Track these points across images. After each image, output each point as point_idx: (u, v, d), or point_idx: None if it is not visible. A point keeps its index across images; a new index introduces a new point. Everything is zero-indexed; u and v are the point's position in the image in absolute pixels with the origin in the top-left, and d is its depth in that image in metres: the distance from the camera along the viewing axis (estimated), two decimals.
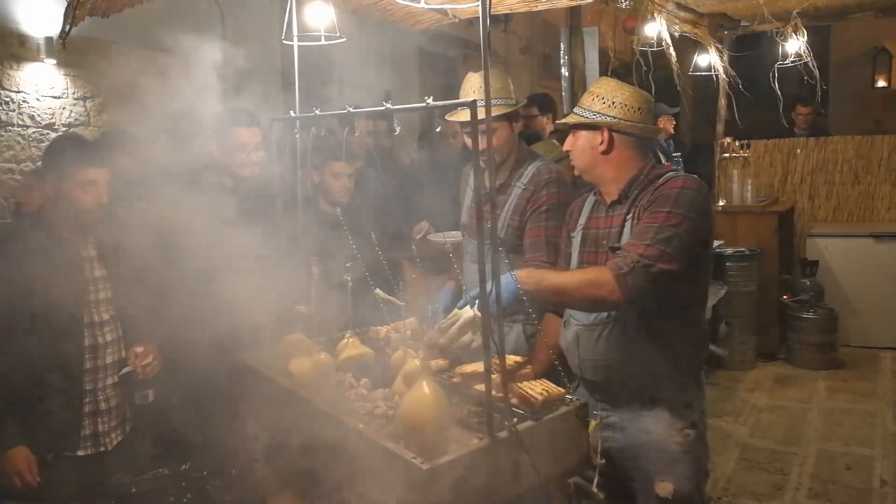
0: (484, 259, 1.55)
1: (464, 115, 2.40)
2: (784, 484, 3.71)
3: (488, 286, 1.51)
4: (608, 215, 2.09)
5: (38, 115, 4.05)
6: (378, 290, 1.95)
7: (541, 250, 2.40)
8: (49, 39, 3.86)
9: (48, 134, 4.03)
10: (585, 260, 2.12)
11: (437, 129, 1.62)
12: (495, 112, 2.30)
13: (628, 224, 2.01)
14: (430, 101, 1.56)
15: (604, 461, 1.70)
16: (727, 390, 5.13)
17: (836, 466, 3.87)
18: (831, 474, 3.79)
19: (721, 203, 6.14)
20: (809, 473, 3.82)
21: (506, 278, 1.93)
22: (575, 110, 2.11)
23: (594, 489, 1.71)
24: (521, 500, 1.57)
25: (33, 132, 4.02)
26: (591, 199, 2.20)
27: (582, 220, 2.19)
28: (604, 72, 5.19)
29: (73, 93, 4.21)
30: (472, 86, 2.38)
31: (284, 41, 2.10)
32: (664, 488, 2.00)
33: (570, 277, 1.94)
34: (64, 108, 4.17)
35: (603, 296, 1.85)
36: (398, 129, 1.64)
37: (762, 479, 3.77)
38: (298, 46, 2.12)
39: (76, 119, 4.24)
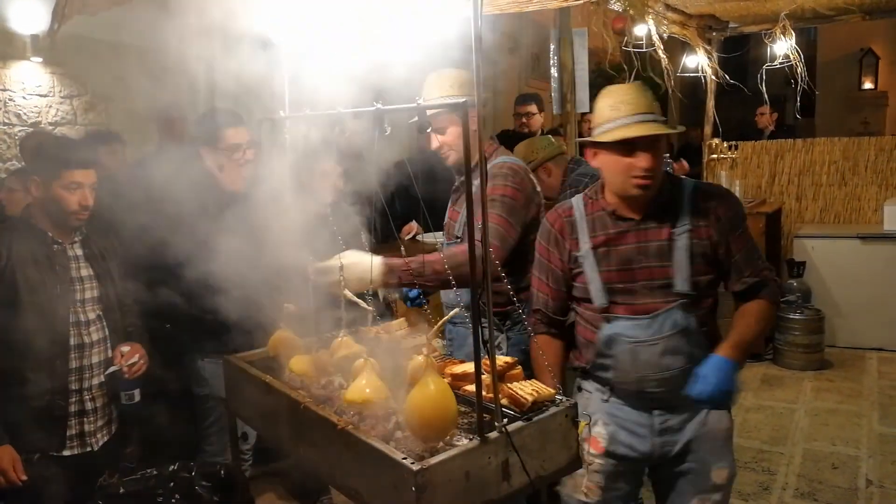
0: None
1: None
2: (771, 483, 3.74)
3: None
4: (641, 229, 2.04)
5: (25, 114, 4.02)
6: (346, 291, 1.94)
7: (493, 238, 2.27)
8: (35, 37, 3.83)
9: (29, 132, 4.00)
10: (617, 279, 2.05)
11: (428, 130, 1.61)
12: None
13: (683, 239, 2.00)
14: (420, 101, 1.56)
15: (595, 460, 1.70)
16: None
17: (822, 466, 3.90)
18: (817, 474, 3.82)
19: None
20: (796, 473, 3.84)
21: (726, 368, 1.97)
22: (644, 118, 1.96)
23: (583, 489, 1.71)
24: (511, 500, 1.57)
25: (19, 130, 3.99)
26: (597, 214, 2.10)
27: (592, 238, 2.09)
28: (593, 73, 5.20)
29: (60, 91, 4.18)
30: (433, 84, 2.32)
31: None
32: (720, 475, 2.04)
33: (755, 329, 2.08)
34: (50, 107, 4.14)
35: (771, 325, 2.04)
36: (388, 130, 1.63)
37: (749, 479, 3.79)
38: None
39: (62, 118, 4.21)
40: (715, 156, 6.34)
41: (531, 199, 2.44)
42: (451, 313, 1.83)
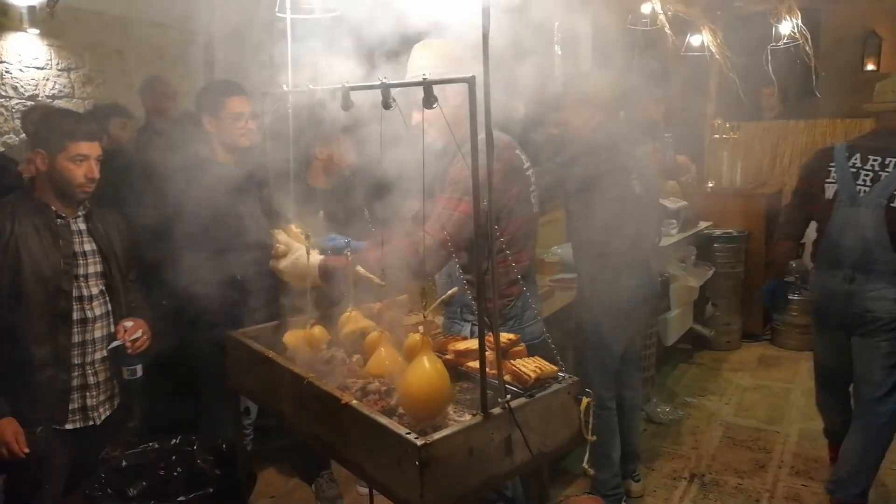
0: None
1: None
2: (767, 462, 3.77)
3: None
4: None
5: (22, 86, 3.98)
6: (358, 268, 1.93)
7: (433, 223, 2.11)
8: (32, 9, 3.79)
9: (32, 105, 3.97)
10: None
11: (435, 106, 1.57)
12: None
13: None
14: (426, 76, 1.54)
15: (595, 437, 1.71)
16: (712, 370, 5.19)
17: (817, 445, 3.93)
18: (813, 452, 3.85)
19: (710, 185, 6.16)
20: (791, 452, 3.88)
21: None
22: None
23: (585, 465, 1.72)
24: (513, 475, 1.58)
25: (16, 103, 3.96)
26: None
27: None
28: (598, 49, 5.16)
29: (57, 64, 4.15)
30: (424, 55, 2.15)
31: (278, 13, 2.06)
32: None
33: None
34: (48, 80, 4.11)
35: None
36: (394, 104, 1.62)
37: (745, 457, 3.83)
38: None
39: (60, 91, 4.17)
40: (717, 136, 6.31)
41: (507, 177, 2.25)
42: (450, 292, 1.83)
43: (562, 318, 3.43)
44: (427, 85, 1.54)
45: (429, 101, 1.54)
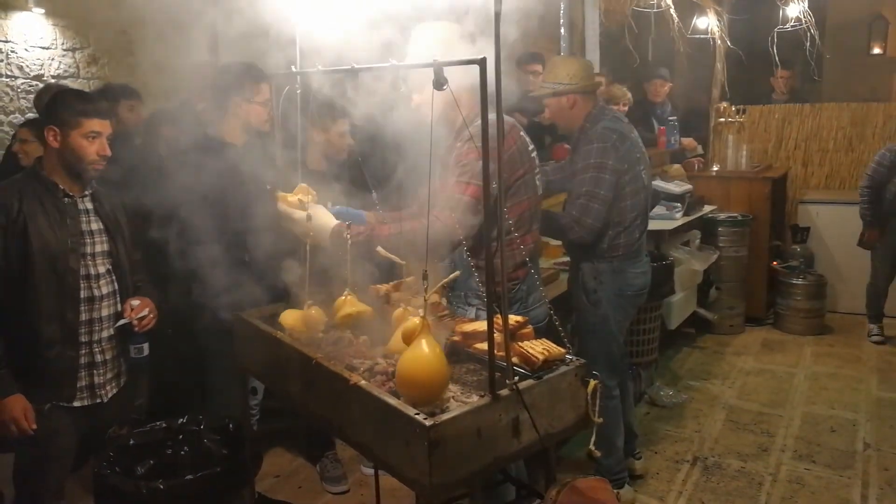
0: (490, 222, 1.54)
1: None
2: (769, 445, 3.79)
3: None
4: None
5: (27, 66, 3.97)
6: (379, 248, 1.94)
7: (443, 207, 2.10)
8: None
9: (37, 85, 3.96)
10: None
11: (445, 87, 1.55)
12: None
13: None
14: (436, 58, 1.54)
15: (601, 420, 1.72)
16: (715, 354, 5.20)
17: (820, 429, 3.95)
18: (816, 436, 3.87)
19: (715, 168, 6.14)
20: (794, 435, 3.89)
21: None
22: None
23: (591, 447, 1.73)
24: (520, 456, 1.59)
25: (22, 83, 3.94)
26: None
27: None
28: (603, 32, 5.13)
29: (63, 43, 4.12)
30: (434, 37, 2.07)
31: None
32: None
33: None
34: (53, 59, 4.09)
35: None
36: (403, 87, 1.62)
37: (748, 440, 3.85)
38: None
39: (65, 70, 4.15)
40: (722, 119, 6.28)
41: (513, 158, 2.27)
42: (452, 275, 1.83)
43: (565, 302, 3.44)
44: (437, 67, 1.53)
45: (439, 82, 1.53)
